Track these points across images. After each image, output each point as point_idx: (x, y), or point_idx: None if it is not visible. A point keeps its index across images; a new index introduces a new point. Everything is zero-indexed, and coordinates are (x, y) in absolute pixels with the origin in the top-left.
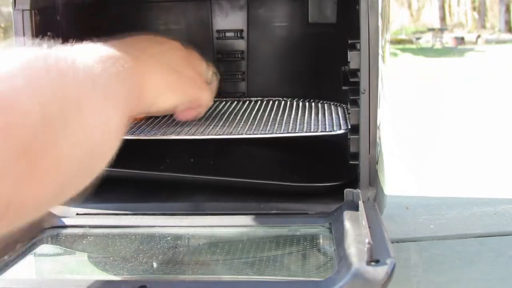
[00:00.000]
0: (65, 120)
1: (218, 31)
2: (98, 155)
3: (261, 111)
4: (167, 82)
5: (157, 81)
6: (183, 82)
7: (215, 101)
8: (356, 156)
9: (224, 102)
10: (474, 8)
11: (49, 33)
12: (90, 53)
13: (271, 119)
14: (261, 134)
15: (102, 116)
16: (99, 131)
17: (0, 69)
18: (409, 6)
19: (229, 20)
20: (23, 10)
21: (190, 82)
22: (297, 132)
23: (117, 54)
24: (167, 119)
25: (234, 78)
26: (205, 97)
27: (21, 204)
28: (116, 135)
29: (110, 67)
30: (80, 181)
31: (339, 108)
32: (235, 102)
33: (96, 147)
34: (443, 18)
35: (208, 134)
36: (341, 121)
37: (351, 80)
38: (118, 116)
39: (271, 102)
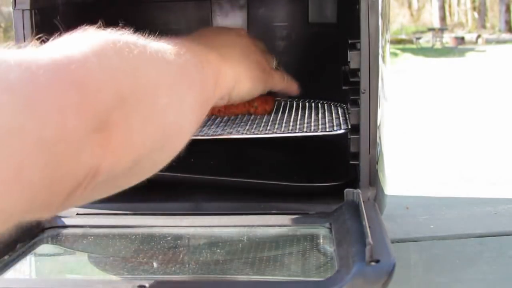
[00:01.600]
0: (138, 98)
1: None
2: (171, 136)
3: None
4: (242, 68)
5: (232, 68)
6: (256, 68)
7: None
8: (356, 156)
9: None
10: (474, 8)
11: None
12: (161, 42)
13: (271, 119)
14: (261, 134)
15: (175, 95)
16: (172, 111)
17: (73, 51)
18: (409, 6)
19: (229, 20)
20: (23, 10)
21: (260, 68)
22: (297, 132)
23: (188, 44)
24: None
25: None
26: (278, 83)
27: (98, 174)
28: (190, 118)
29: (184, 54)
30: (154, 161)
31: (339, 108)
32: None
33: (169, 127)
34: (443, 18)
35: (208, 134)
36: (341, 121)
37: (351, 80)
38: (193, 98)
39: None
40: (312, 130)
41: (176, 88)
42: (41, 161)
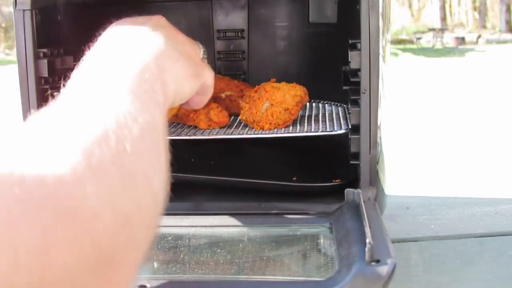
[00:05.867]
0: (142, 212)
1: (219, 31)
2: (159, 203)
3: None
4: (179, 67)
5: (170, 72)
6: (190, 63)
7: None
8: (356, 156)
9: None
10: (474, 8)
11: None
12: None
13: None
14: (261, 134)
15: (162, 166)
16: (160, 184)
17: (63, 165)
18: (410, 6)
19: (229, 20)
20: (23, 10)
21: (193, 61)
22: (298, 132)
23: (142, 69)
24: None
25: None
26: (208, 76)
27: None
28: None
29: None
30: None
31: (339, 108)
32: None
33: (159, 199)
34: (443, 18)
35: (208, 134)
36: (341, 121)
37: (352, 80)
38: (165, 143)
39: None
40: (312, 130)
41: (162, 162)
42: None
